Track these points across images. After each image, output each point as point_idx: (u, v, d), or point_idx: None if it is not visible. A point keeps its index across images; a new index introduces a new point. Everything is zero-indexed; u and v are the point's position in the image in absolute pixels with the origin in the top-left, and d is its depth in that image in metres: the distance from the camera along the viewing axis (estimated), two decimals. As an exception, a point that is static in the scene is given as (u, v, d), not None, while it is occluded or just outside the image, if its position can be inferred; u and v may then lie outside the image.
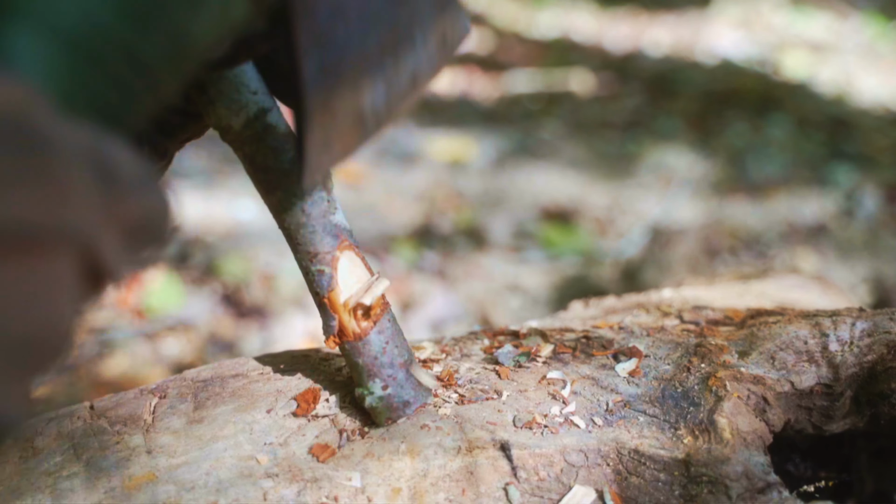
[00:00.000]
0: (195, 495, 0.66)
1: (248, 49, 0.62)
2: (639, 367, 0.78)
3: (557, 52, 3.88)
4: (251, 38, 0.59)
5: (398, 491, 0.68)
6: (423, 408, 0.72)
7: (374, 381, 0.71)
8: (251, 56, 0.65)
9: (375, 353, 0.71)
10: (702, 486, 0.67)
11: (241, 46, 0.60)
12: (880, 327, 0.78)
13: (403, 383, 0.71)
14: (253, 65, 0.67)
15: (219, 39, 0.49)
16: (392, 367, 0.71)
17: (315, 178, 0.65)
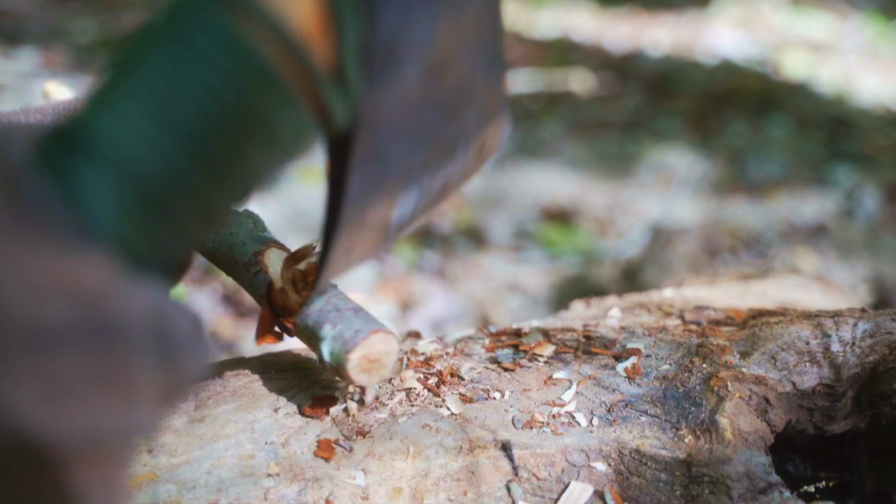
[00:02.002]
0: (196, 494, 0.66)
1: None
2: (638, 365, 0.78)
3: (557, 52, 3.87)
4: None
5: (399, 490, 0.68)
6: (376, 333, 0.67)
7: (323, 327, 0.68)
8: None
9: (320, 306, 0.69)
10: (703, 486, 0.67)
11: None
12: (882, 328, 0.78)
13: (352, 318, 0.68)
14: None
15: (284, 167, 0.48)
16: (337, 310, 0.69)
17: (332, 278, 0.62)
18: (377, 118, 0.50)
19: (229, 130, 0.42)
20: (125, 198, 0.40)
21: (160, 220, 0.41)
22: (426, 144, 0.57)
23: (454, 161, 0.61)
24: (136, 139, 0.40)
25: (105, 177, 0.40)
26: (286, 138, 0.45)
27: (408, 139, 0.54)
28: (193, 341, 0.41)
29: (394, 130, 0.53)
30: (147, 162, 0.40)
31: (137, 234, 0.41)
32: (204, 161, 0.42)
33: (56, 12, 3.94)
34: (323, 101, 0.45)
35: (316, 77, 0.44)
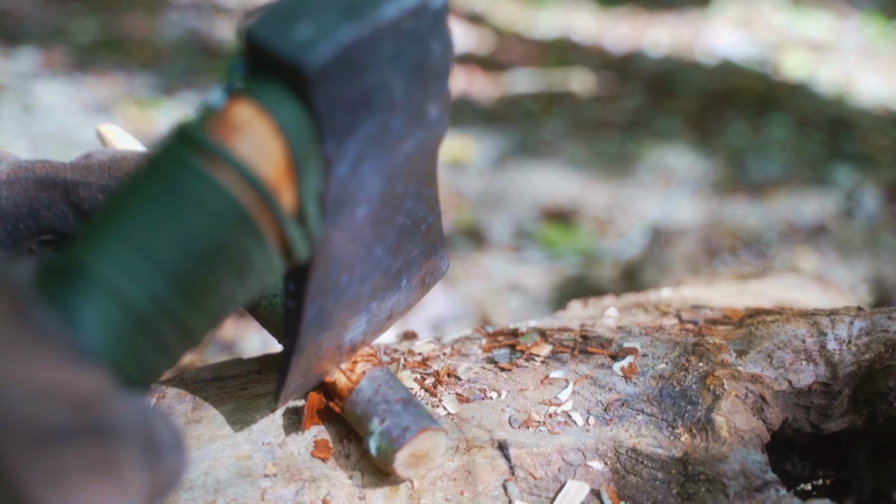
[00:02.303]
0: (193, 495, 0.66)
1: None
2: (635, 364, 0.78)
3: (557, 52, 3.87)
4: None
5: (396, 490, 0.68)
6: (423, 432, 0.66)
7: (372, 420, 0.68)
8: None
9: (369, 396, 0.69)
10: (699, 484, 0.67)
11: None
12: (878, 326, 0.78)
13: (400, 413, 0.68)
14: None
15: (254, 296, 0.53)
16: (387, 402, 0.68)
17: (287, 401, 0.70)
18: (331, 252, 0.57)
19: (206, 264, 0.48)
20: (114, 323, 0.45)
21: (145, 342, 0.47)
22: (373, 276, 0.64)
23: (398, 291, 0.70)
24: (123, 272, 0.46)
25: (96, 305, 0.45)
26: (257, 270, 0.51)
27: (357, 271, 0.62)
28: (174, 445, 0.46)
29: (346, 263, 0.60)
30: (133, 292, 0.46)
31: (126, 354, 0.46)
32: (185, 291, 0.47)
33: (56, 12, 3.95)
34: (287, 238, 0.51)
35: (281, 218, 0.50)
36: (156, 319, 0.47)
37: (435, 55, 0.56)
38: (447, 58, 0.57)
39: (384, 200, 0.59)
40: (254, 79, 0.51)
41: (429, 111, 0.58)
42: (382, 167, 0.57)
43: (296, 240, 0.52)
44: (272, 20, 0.51)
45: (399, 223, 0.63)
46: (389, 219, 0.62)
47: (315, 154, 0.51)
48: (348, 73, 0.50)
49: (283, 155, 0.50)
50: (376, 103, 0.53)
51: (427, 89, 0.57)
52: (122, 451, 0.42)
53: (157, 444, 0.45)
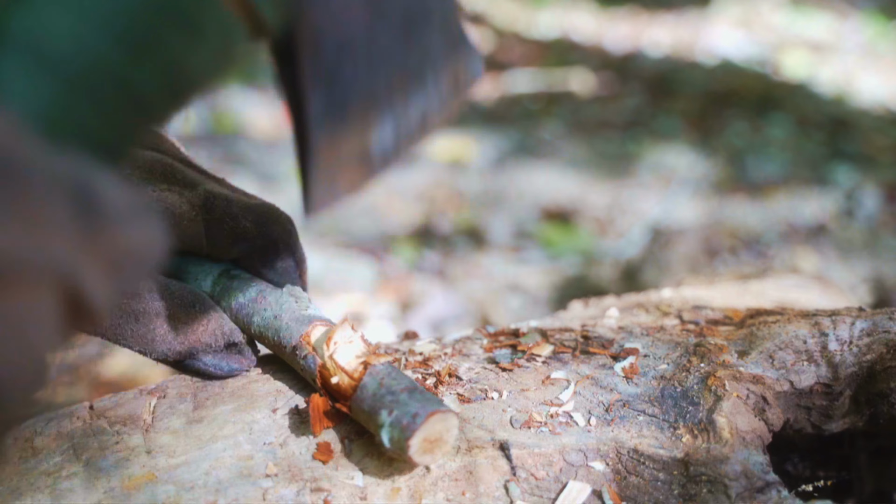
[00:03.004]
0: (194, 495, 0.66)
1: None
2: (636, 364, 0.78)
3: (557, 52, 3.88)
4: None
5: (398, 490, 0.68)
6: (433, 416, 0.66)
7: (380, 413, 0.67)
8: None
9: (373, 390, 0.68)
10: (701, 485, 0.67)
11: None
12: (880, 327, 0.78)
13: (407, 400, 0.67)
14: None
15: (217, 70, 0.49)
16: (392, 393, 0.68)
17: (318, 212, 0.62)
18: (317, 28, 0.52)
19: (147, 16, 0.44)
20: (39, 75, 0.41)
21: (82, 101, 0.42)
22: (386, 68, 0.58)
23: (425, 90, 0.63)
24: (49, 25, 0.41)
25: (15, 57, 0.41)
26: (211, 33, 0.47)
27: (361, 58, 0.56)
28: (129, 211, 0.41)
29: (341, 45, 0.55)
30: (61, 45, 0.42)
31: (57, 111, 0.42)
32: (124, 45, 0.43)
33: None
34: (249, 4, 0.47)
35: None
36: (92, 74, 0.43)
37: None
38: None
39: None
40: None
41: None
42: None
43: (259, 1, 0.48)
44: None
45: (402, 4, 0.59)
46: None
47: None
48: None
49: None
50: None
51: None
52: (36, 196, 0.37)
53: (97, 203, 0.39)
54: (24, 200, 0.36)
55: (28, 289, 0.36)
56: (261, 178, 2.51)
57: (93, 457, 0.68)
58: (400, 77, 0.60)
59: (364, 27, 0.56)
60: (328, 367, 0.70)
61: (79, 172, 0.39)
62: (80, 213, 0.38)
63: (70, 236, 0.38)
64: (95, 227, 0.39)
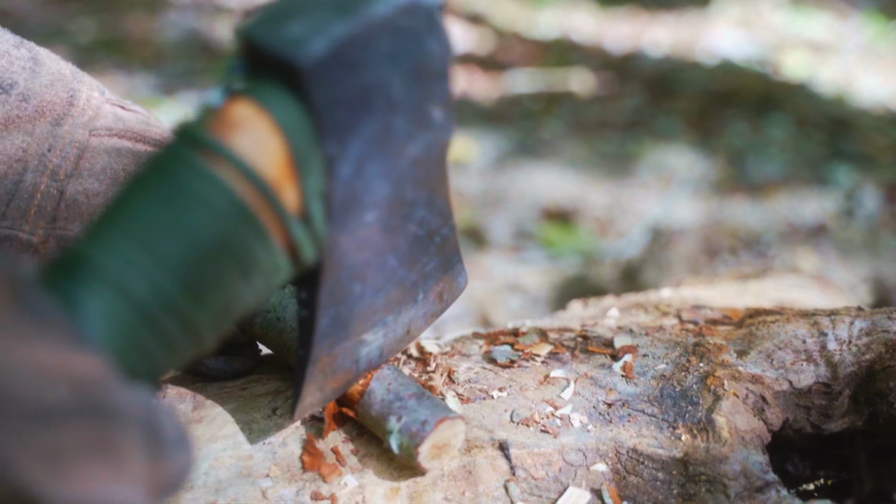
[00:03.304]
0: (194, 495, 0.66)
1: None
2: (631, 363, 0.78)
3: (557, 52, 3.87)
4: None
5: (397, 490, 0.68)
6: (442, 423, 0.67)
7: (389, 419, 0.68)
8: None
9: (381, 396, 0.69)
10: (700, 484, 0.67)
11: None
12: (879, 326, 0.78)
13: (416, 407, 0.68)
14: None
15: (259, 301, 0.54)
16: (400, 399, 0.69)
17: (305, 415, 0.68)
18: (341, 258, 0.57)
19: (209, 260, 0.48)
20: (116, 313, 0.46)
21: (148, 336, 0.47)
22: (388, 288, 0.64)
23: (415, 306, 0.69)
24: (124, 264, 0.46)
25: (98, 295, 0.45)
26: (262, 269, 0.51)
27: (371, 281, 0.62)
28: (179, 440, 0.45)
29: (357, 270, 0.60)
30: (135, 284, 0.46)
31: (128, 345, 0.46)
32: (187, 286, 0.48)
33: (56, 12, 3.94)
34: (292, 238, 0.52)
35: (284, 214, 0.51)
36: (158, 312, 0.47)
37: (433, 55, 0.56)
38: (446, 58, 0.57)
39: (393, 207, 0.60)
40: (252, 78, 0.52)
41: (432, 114, 0.58)
42: (388, 170, 0.57)
43: (301, 239, 0.52)
44: (268, 19, 0.52)
45: (412, 233, 0.64)
46: (401, 227, 0.62)
47: (316, 153, 0.52)
48: (344, 70, 0.51)
49: (283, 152, 0.51)
50: (376, 102, 0.54)
51: (428, 90, 0.57)
52: (122, 434, 0.41)
53: (160, 435, 0.44)
54: (113, 438, 0.41)
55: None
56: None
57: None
58: (397, 295, 0.66)
59: (378, 254, 0.61)
60: None
61: (148, 406, 0.44)
62: (149, 445, 0.43)
63: (142, 471, 0.42)
64: (159, 454, 0.43)
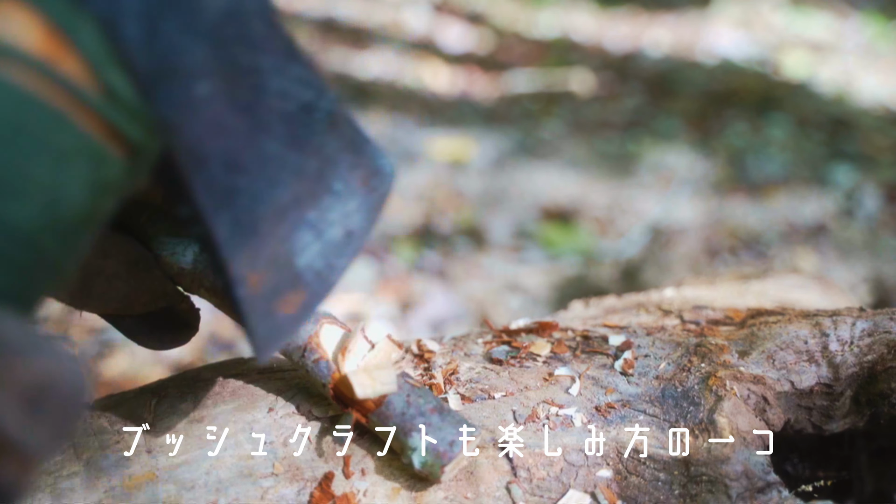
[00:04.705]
0: (195, 494, 0.66)
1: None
2: (631, 360, 0.78)
3: (557, 52, 3.87)
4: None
5: (398, 490, 0.68)
6: (470, 442, 0.67)
7: (412, 435, 0.66)
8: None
9: (401, 408, 0.67)
10: (702, 485, 0.67)
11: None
12: (880, 327, 0.78)
13: (440, 424, 0.67)
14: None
15: (99, 200, 0.48)
16: (423, 415, 0.67)
17: (269, 352, 0.60)
18: (194, 142, 0.51)
19: (1, 146, 0.44)
20: None
21: None
22: (284, 178, 0.57)
23: (337, 198, 0.61)
24: None
25: None
26: (72, 153, 0.46)
27: (255, 170, 0.55)
28: (29, 346, 0.40)
29: (229, 159, 0.53)
30: None
31: None
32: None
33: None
34: (94, 112, 0.47)
35: (68, 84, 0.45)
36: None
37: None
38: None
39: (229, 76, 0.54)
40: None
41: None
42: (191, 25, 0.51)
43: (107, 112, 0.47)
44: None
45: (277, 108, 0.57)
46: (257, 102, 0.56)
47: (82, 15, 0.46)
48: None
49: (37, 21, 0.45)
50: None
51: None
52: None
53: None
54: None
55: None
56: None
57: (93, 456, 0.68)
58: (303, 187, 0.58)
59: (245, 137, 0.54)
60: (348, 382, 0.68)
61: None
62: None
63: None
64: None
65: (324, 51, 3.65)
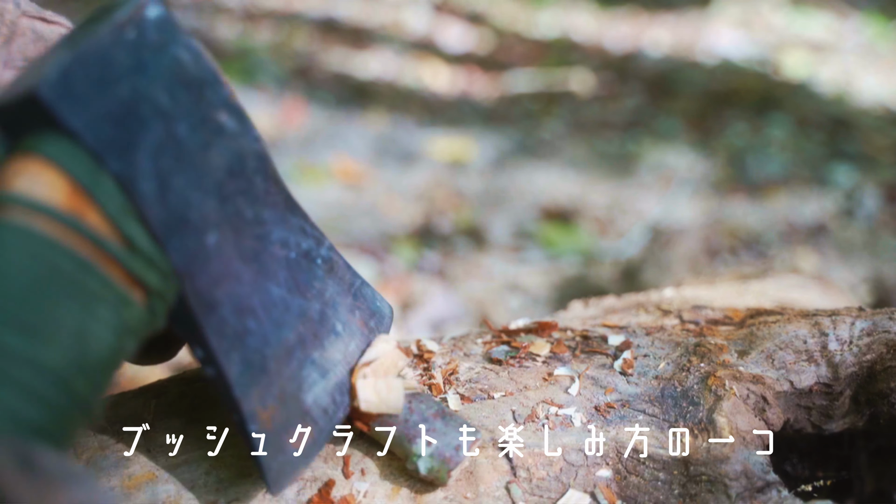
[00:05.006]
0: (195, 494, 0.66)
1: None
2: (630, 359, 0.78)
3: (557, 52, 3.87)
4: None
5: (398, 490, 0.68)
6: (473, 445, 0.67)
7: (416, 441, 0.67)
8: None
9: (404, 415, 0.68)
10: (701, 485, 0.67)
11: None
12: (880, 327, 0.78)
13: (444, 429, 0.67)
14: None
15: (122, 342, 0.53)
16: (425, 420, 0.68)
17: (283, 486, 0.63)
18: (205, 289, 0.57)
19: (32, 296, 0.49)
20: None
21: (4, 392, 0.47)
22: (290, 320, 0.63)
23: (339, 338, 0.67)
24: None
25: None
26: (99, 298, 0.51)
27: (263, 314, 0.61)
28: (68, 476, 0.45)
29: (239, 304, 0.59)
30: None
31: None
32: (22, 326, 0.48)
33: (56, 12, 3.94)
34: (115, 259, 0.52)
35: (94, 236, 0.51)
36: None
37: (184, 62, 0.58)
38: (201, 63, 0.59)
39: (235, 226, 0.60)
40: (12, 137, 0.54)
41: (220, 119, 0.60)
42: (199, 182, 0.58)
43: (128, 260, 0.53)
44: (11, 88, 0.55)
45: (280, 256, 0.64)
46: (262, 250, 0.62)
47: (102, 173, 0.53)
48: (89, 89, 0.53)
49: (63, 180, 0.52)
50: (143, 113, 0.55)
51: (201, 96, 0.59)
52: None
53: (36, 462, 0.44)
54: None
55: None
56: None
57: (93, 456, 0.68)
58: (307, 328, 0.64)
59: (252, 283, 0.60)
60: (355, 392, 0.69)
61: (15, 442, 0.44)
62: (23, 467, 0.42)
63: (22, 487, 0.42)
64: (40, 481, 0.43)
65: (324, 51, 3.65)
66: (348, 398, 0.68)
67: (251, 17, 3.95)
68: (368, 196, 2.53)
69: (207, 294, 0.58)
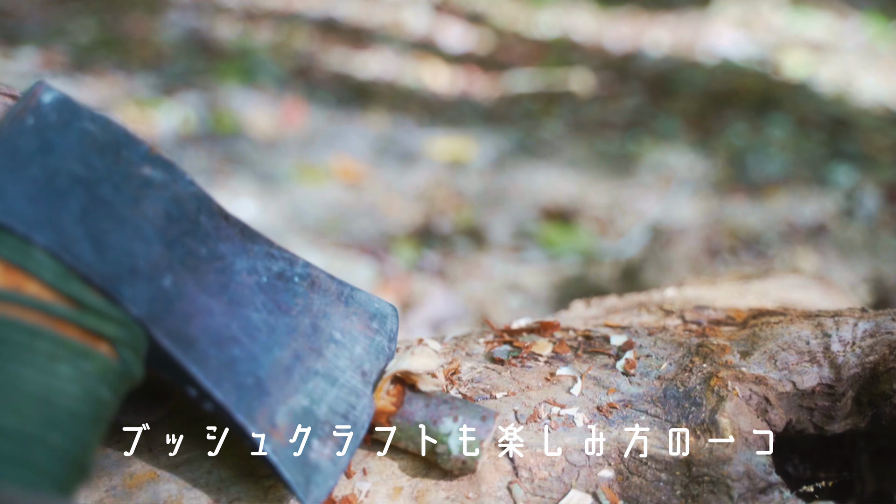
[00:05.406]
0: (197, 493, 0.66)
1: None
2: (633, 360, 0.78)
3: (557, 52, 3.87)
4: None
5: (400, 490, 0.68)
6: (497, 416, 0.68)
7: (441, 422, 0.67)
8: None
9: (423, 402, 0.68)
10: (703, 485, 0.67)
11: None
12: (882, 328, 0.78)
13: (465, 408, 0.68)
14: None
15: (95, 391, 0.56)
16: (446, 402, 0.68)
17: (319, 498, 0.63)
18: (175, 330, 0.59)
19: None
20: None
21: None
22: (281, 339, 0.65)
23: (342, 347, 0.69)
24: None
25: None
26: (55, 356, 0.54)
27: (245, 339, 0.63)
28: None
29: (217, 336, 0.61)
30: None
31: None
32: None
33: (56, 12, 3.94)
34: (63, 319, 0.55)
35: (33, 302, 0.55)
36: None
37: (93, 132, 0.61)
38: (111, 129, 0.62)
39: (189, 265, 0.62)
40: None
41: (145, 173, 0.62)
42: (136, 234, 0.60)
43: (76, 317, 0.55)
44: None
45: (250, 283, 0.65)
46: (228, 281, 0.64)
47: (32, 248, 0.56)
48: (1, 178, 0.56)
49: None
50: (61, 184, 0.58)
51: (119, 158, 0.62)
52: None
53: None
54: None
55: None
56: (261, 178, 2.51)
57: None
58: (301, 341, 0.66)
59: (225, 313, 0.63)
60: (412, 377, 0.70)
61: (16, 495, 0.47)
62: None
63: None
64: None
65: (324, 51, 3.65)
66: (366, 400, 0.69)
67: (251, 17, 3.95)
68: (368, 196, 2.53)
69: (180, 332, 0.60)
